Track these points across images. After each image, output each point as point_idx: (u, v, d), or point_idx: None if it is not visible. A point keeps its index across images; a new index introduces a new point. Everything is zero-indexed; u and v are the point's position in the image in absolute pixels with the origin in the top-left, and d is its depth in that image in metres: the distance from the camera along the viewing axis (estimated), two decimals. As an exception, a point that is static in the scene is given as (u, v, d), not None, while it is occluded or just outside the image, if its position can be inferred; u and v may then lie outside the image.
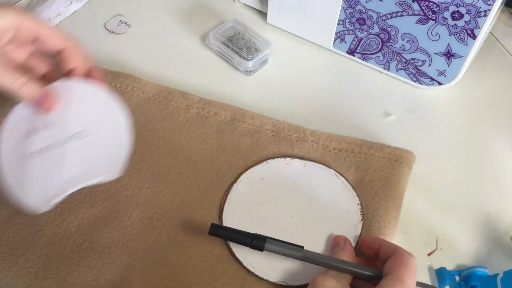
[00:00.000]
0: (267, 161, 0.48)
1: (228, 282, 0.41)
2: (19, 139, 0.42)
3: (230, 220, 0.44)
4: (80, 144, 0.41)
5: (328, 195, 0.45)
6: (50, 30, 0.40)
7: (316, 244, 0.42)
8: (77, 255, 0.42)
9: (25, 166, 0.41)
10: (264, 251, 0.39)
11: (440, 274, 0.43)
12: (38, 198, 0.40)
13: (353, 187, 0.46)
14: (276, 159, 0.48)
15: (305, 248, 0.39)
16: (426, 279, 0.43)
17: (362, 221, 0.44)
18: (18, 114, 0.42)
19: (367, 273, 0.37)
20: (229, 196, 0.45)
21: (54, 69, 0.44)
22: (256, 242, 0.39)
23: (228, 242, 0.43)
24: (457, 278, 0.43)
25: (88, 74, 0.43)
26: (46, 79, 0.43)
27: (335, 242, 0.41)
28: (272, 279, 0.41)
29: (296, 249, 0.39)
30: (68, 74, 0.42)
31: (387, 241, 0.39)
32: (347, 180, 0.46)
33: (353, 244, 0.42)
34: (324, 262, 0.38)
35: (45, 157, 0.41)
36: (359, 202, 0.45)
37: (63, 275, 0.41)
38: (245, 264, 0.42)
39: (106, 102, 0.43)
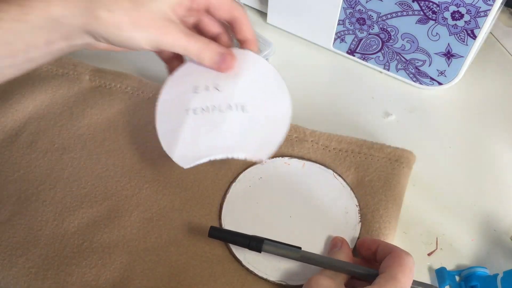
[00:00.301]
0: (266, 160, 0.48)
1: (228, 282, 0.41)
2: (183, 91, 0.41)
3: (230, 219, 0.44)
4: (239, 115, 0.40)
5: (326, 196, 0.45)
6: (222, 0, 0.40)
7: (314, 245, 0.42)
8: (77, 255, 0.42)
9: (180, 119, 0.41)
10: (262, 252, 0.40)
11: (440, 274, 0.43)
12: (182, 153, 0.39)
13: (351, 188, 0.46)
14: (274, 158, 0.48)
15: (303, 248, 0.39)
16: (426, 279, 0.43)
17: (360, 223, 0.44)
18: (188, 67, 0.42)
19: (363, 272, 0.37)
20: (228, 196, 0.46)
21: (223, 33, 0.43)
22: (254, 244, 0.39)
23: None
24: (457, 278, 0.43)
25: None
26: (217, 41, 0.42)
27: (333, 243, 0.42)
28: (271, 279, 0.41)
29: (293, 250, 0.39)
30: (240, 43, 0.42)
31: (385, 242, 0.39)
32: (345, 181, 0.46)
33: (351, 246, 0.42)
34: (321, 262, 0.38)
35: (202, 117, 0.40)
36: (357, 204, 0.45)
37: (63, 275, 0.41)
38: (244, 263, 0.42)
39: (275, 83, 0.42)
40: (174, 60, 0.44)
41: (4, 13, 0.33)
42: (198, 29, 0.43)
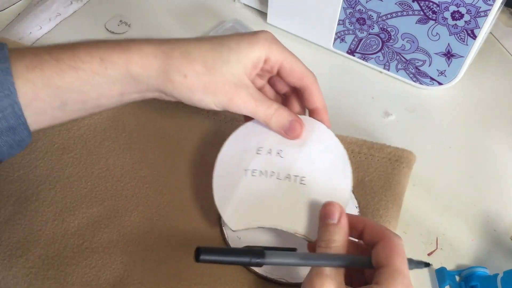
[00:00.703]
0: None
1: (228, 282, 0.41)
2: (245, 148, 0.41)
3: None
4: (296, 188, 0.39)
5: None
6: (294, 62, 0.40)
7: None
8: (77, 255, 0.42)
9: (237, 177, 0.40)
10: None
11: (440, 274, 0.43)
12: (233, 214, 0.39)
13: (351, 190, 0.46)
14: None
15: (299, 250, 0.37)
16: (426, 279, 0.43)
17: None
18: (257, 124, 0.41)
19: (360, 263, 0.35)
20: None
21: (294, 97, 0.43)
22: (255, 260, 0.34)
23: (228, 241, 0.43)
24: (457, 278, 0.43)
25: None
26: (287, 104, 0.43)
27: (327, 211, 0.36)
28: (271, 277, 0.41)
29: (294, 255, 0.35)
30: (310, 112, 0.42)
31: (371, 221, 0.36)
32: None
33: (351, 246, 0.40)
34: (319, 263, 0.36)
35: (259, 180, 0.40)
36: (357, 204, 0.45)
37: (63, 275, 0.41)
38: (244, 264, 0.41)
39: (339, 160, 0.40)
40: None
41: (85, 64, 0.34)
42: (269, 85, 0.43)
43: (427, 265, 0.36)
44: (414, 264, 0.35)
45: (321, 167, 0.40)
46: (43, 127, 0.36)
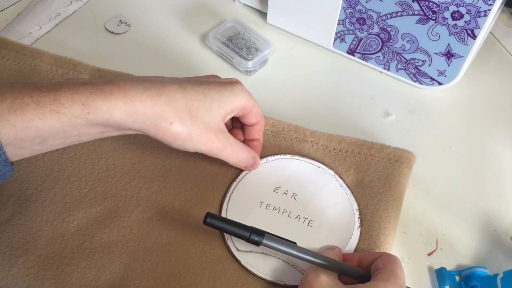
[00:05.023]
0: (267, 158, 0.48)
1: (228, 282, 0.41)
2: (265, 184, 0.46)
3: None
4: (303, 228, 0.43)
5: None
6: (258, 108, 0.44)
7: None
8: (77, 255, 0.42)
9: (252, 206, 0.45)
10: (260, 246, 0.39)
11: (440, 274, 0.43)
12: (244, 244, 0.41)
13: (351, 189, 0.46)
14: (276, 156, 0.48)
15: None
16: (426, 279, 0.43)
17: (360, 223, 0.44)
18: (273, 165, 0.47)
19: (357, 272, 0.38)
20: (228, 195, 0.46)
21: (235, 129, 0.48)
22: (254, 237, 0.38)
23: (227, 242, 0.43)
24: (457, 278, 0.43)
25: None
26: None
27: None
28: (270, 279, 0.41)
29: (292, 245, 0.39)
30: (249, 141, 0.47)
31: (363, 253, 0.41)
32: (345, 182, 0.46)
33: (351, 247, 0.43)
34: (315, 261, 0.38)
35: (271, 214, 0.44)
36: (357, 204, 0.45)
37: (63, 276, 0.41)
38: (244, 264, 0.42)
39: (346, 216, 0.44)
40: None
41: (67, 109, 0.35)
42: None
43: None
44: None
45: (329, 216, 0.44)
46: (24, 157, 0.37)
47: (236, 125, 0.48)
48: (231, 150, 0.42)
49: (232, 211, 0.44)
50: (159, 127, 0.38)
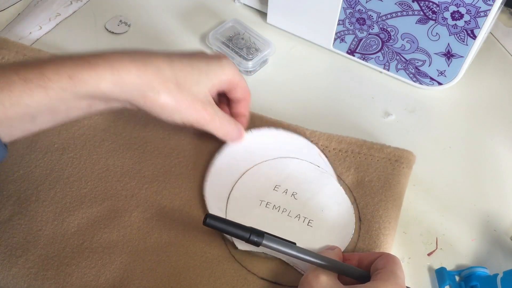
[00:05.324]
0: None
1: (228, 282, 0.41)
2: (264, 182, 0.46)
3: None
4: (303, 227, 0.43)
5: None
6: (245, 83, 0.45)
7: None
8: (77, 255, 0.42)
9: (252, 205, 0.44)
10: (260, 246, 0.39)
11: (440, 274, 0.43)
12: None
13: (351, 189, 0.46)
14: (261, 129, 0.48)
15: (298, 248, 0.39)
16: (426, 279, 0.44)
17: (360, 223, 0.44)
18: (273, 164, 0.47)
19: (356, 272, 0.38)
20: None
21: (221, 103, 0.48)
22: (254, 238, 0.38)
23: (227, 242, 0.43)
24: (457, 278, 0.43)
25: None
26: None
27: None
28: (270, 278, 0.41)
29: (292, 246, 0.39)
30: (235, 115, 0.47)
31: (364, 253, 0.41)
32: (345, 182, 0.46)
33: (351, 247, 0.43)
34: (315, 261, 0.38)
35: (271, 212, 0.44)
36: (357, 204, 0.45)
37: (63, 276, 0.41)
38: (243, 263, 0.42)
39: (345, 216, 0.44)
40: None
41: (54, 83, 0.34)
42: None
43: None
44: None
45: (329, 216, 0.44)
46: (16, 138, 0.37)
47: (222, 101, 0.48)
48: (219, 123, 0.42)
49: (232, 209, 0.44)
50: (146, 97, 0.38)
